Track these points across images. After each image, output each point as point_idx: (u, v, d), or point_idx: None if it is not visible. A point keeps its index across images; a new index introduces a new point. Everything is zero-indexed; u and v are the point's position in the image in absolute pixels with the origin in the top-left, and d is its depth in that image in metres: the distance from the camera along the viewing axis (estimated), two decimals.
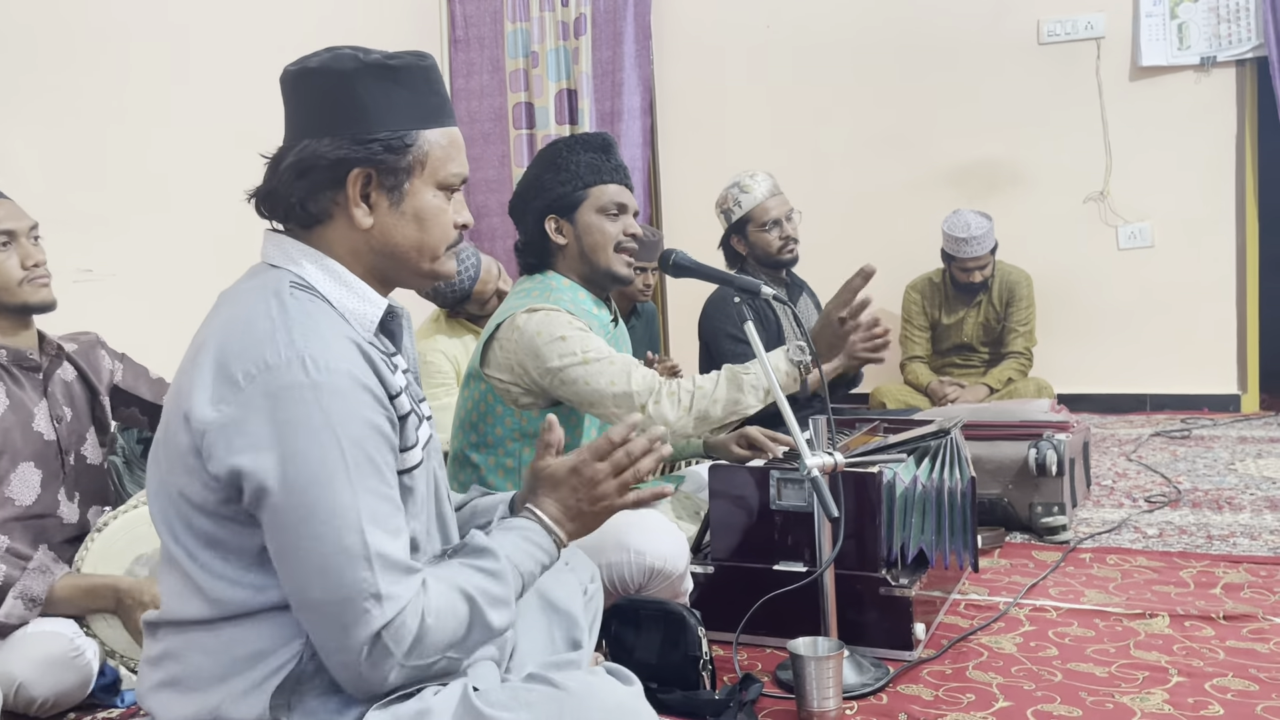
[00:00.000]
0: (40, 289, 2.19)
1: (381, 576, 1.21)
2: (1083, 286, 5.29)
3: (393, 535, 1.25)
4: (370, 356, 1.30)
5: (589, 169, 2.28)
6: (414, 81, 1.36)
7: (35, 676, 1.97)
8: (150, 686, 1.33)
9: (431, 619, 1.25)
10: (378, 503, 1.24)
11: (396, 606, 1.22)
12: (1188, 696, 1.97)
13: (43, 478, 2.18)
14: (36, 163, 3.58)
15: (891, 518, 2.25)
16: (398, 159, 1.34)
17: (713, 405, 2.17)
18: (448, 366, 3.29)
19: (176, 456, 1.26)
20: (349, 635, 1.21)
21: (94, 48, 3.85)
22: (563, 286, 2.30)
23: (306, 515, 1.21)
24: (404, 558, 1.25)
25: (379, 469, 1.25)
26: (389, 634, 1.22)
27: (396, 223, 1.37)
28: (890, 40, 5.55)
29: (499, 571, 1.35)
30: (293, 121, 1.36)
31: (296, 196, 1.34)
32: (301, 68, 1.35)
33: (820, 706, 1.90)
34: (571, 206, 2.28)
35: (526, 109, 6.07)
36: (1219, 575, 2.66)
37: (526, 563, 1.41)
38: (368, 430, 1.24)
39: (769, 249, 3.41)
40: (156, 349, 2.58)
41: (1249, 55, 4.97)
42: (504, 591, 1.35)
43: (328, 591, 1.21)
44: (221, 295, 1.37)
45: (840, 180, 5.60)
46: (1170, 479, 3.75)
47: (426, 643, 1.25)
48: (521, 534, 1.43)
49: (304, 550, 1.21)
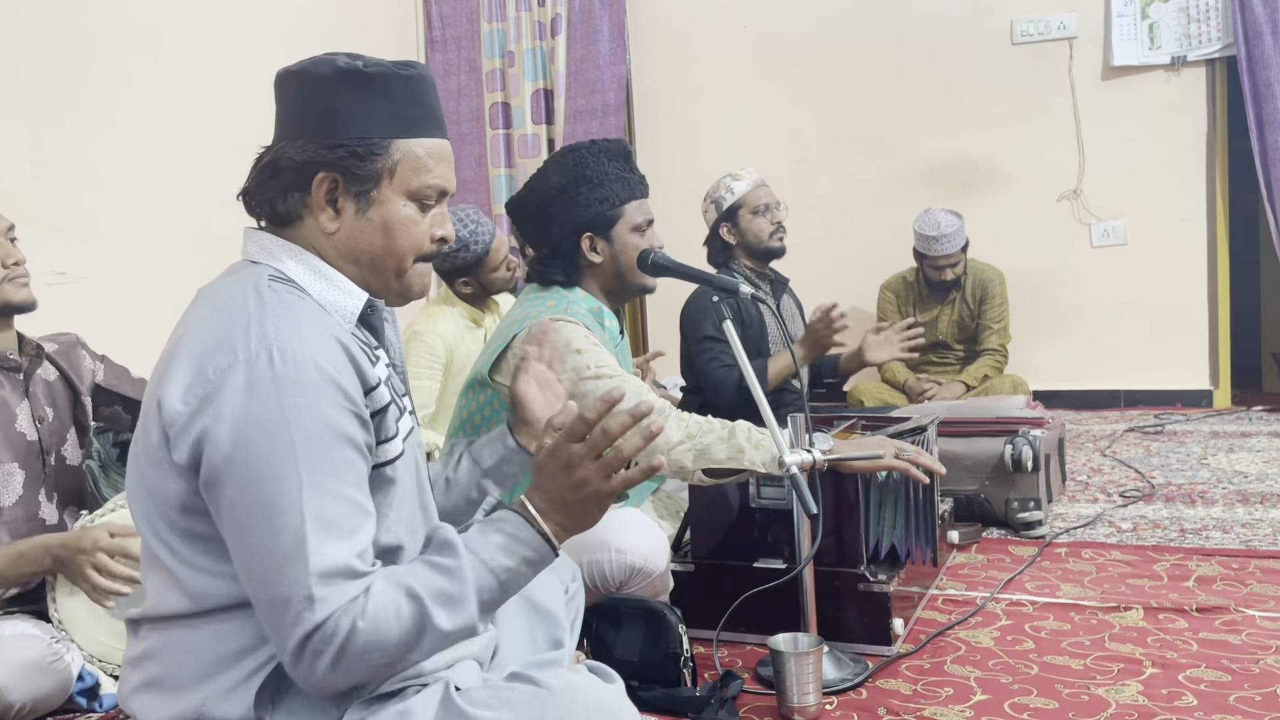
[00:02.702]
0: (20, 288, 2.19)
1: (316, 579, 1.18)
2: (1057, 284, 5.34)
3: (340, 537, 1.20)
4: (349, 349, 1.29)
5: (621, 184, 2.24)
6: (391, 90, 1.35)
7: (13, 681, 1.95)
8: (132, 689, 1.32)
9: (364, 623, 1.19)
10: (328, 501, 1.20)
11: (327, 610, 1.18)
12: (1162, 688, 1.99)
13: (25, 478, 2.17)
14: (11, 165, 3.55)
15: (867, 514, 2.27)
16: (365, 165, 1.34)
17: (717, 444, 2.07)
18: (442, 351, 3.28)
19: (150, 449, 1.26)
20: (284, 635, 1.19)
21: (70, 50, 3.82)
22: (579, 299, 2.26)
23: (251, 508, 1.19)
24: (348, 561, 1.20)
25: (336, 467, 1.22)
26: (318, 638, 1.18)
27: (362, 229, 1.36)
28: (865, 40, 5.58)
29: (455, 569, 1.27)
30: (277, 123, 1.38)
31: (267, 196, 1.36)
32: (286, 70, 1.37)
33: (800, 702, 1.91)
34: (608, 224, 2.24)
35: (503, 109, 6.06)
36: (1192, 568, 2.70)
37: (498, 558, 1.30)
38: (327, 428, 1.22)
39: (760, 234, 3.44)
40: (132, 351, 2.56)
41: (1218, 55, 5.03)
42: (458, 590, 1.26)
43: (266, 589, 1.19)
44: (200, 291, 1.37)
45: (815, 179, 5.63)
46: (1144, 474, 3.79)
47: (356, 648, 1.19)
48: (497, 527, 1.34)
49: (246, 544, 1.20)
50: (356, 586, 1.21)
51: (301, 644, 1.18)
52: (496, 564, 1.30)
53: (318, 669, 1.19)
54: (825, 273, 5.35)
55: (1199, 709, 1.90)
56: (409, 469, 1.41)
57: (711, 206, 3.53)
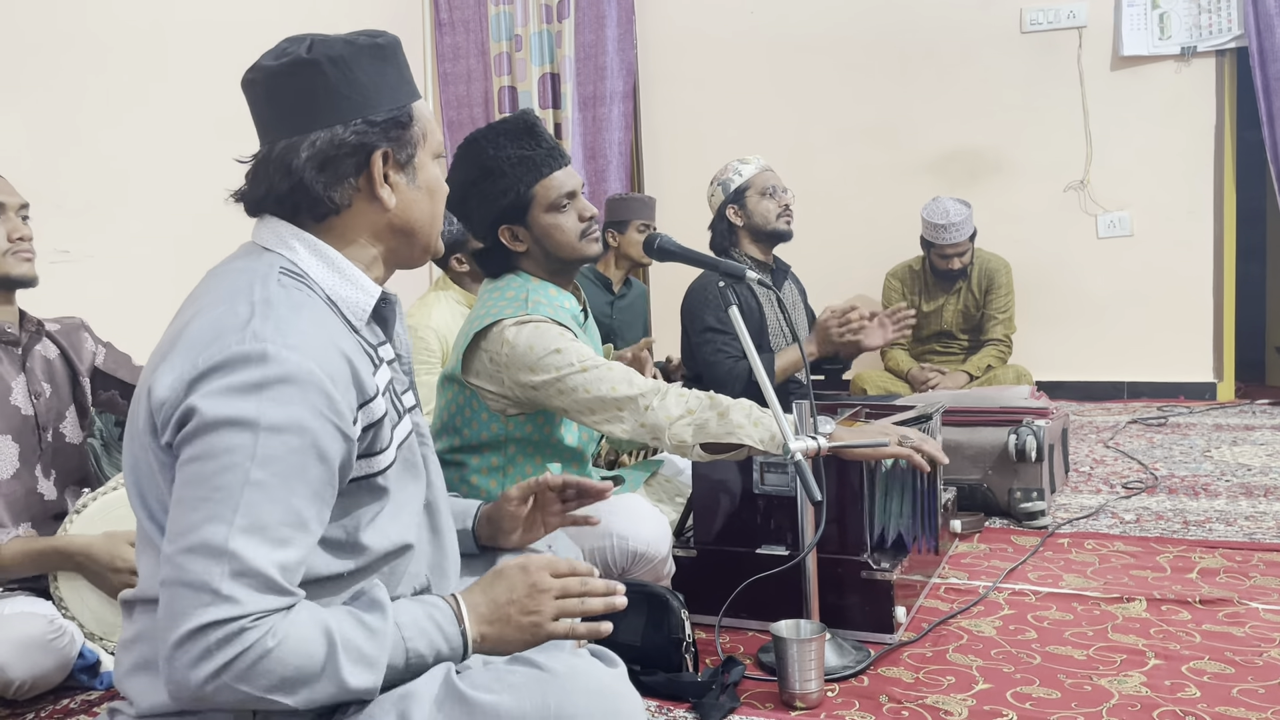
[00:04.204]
0: (22, 262, 2.20)
1: (229, 578, 1.12)
2: (1062, 275, 5.33)
3: (269, 545, 1.15)
4: (351, 358, 1.26)
5: (523, 166, 2.15)
6: (397, 58, 1.37)
7: (13, 659, 1.95)
8: (126, 670, 1.31)
9: (275, 643, 1.13)
10: (266, 505, 1.15)
11: (237, 610, 1.12)
12: (1164, 679, 1.99)
13: (20, 452, 2.17)
14: (18, 145, 3.54)
15: (871, 501, 2.26)
16: (405, 134, 1.35)
17: (716, 420, 2.05)
18: (435, 345, 3.27)
19: (139, 434, 1.25)
20: (177, 620, 1.13)
21: (79, 32, 3.80)
22: (535, 287, 2.22)
23: (192, 483, 1.15)
24: (270, 571, 1.14)
25: (291, 472, 1.17)
26: (217, 635, 1.12)
27: (416, 199, 1.38)
28: (874, 27, 5.55)
29: (379, 632, 1.23)
30: (290, 117, 1.31)
31: (321, 189, 1.31)
32: (289, 61, 1.30)
33: (802, 688, 1.91)
34: (521, 212, 2.17)
35: (510, 93, 6.04)
36: (1195, 560, 2.69)
37: (418, 642, 1.26)
38: (296, 432, 1.17)
39: (768, 215, 3.43)
40: (134, 332, 2.56)
41: (1229, 45, 5.00)
42: (374, 653, 1.21)
43: (178, 568, 1.14)
44: (210, 273, 1.34)
45: (822, 167, 5.61)
46: (1147, 465, 3.79)
47: (262, 666, 1.13)
48: (428, 611, 1.29)
49: (177, 518, 1.16)
50: (277, 601, 1.15)
51: (193, 634, 1.12)
52: (412, 646, 1.26)
53: (199, 668, 1.12)
54: (830, 261, 5.34)
55: (1202, 700, 1.89)
56: (410, 471, 1.39)
57: (718, 189, 3.51)
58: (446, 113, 6.22)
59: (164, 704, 1.26)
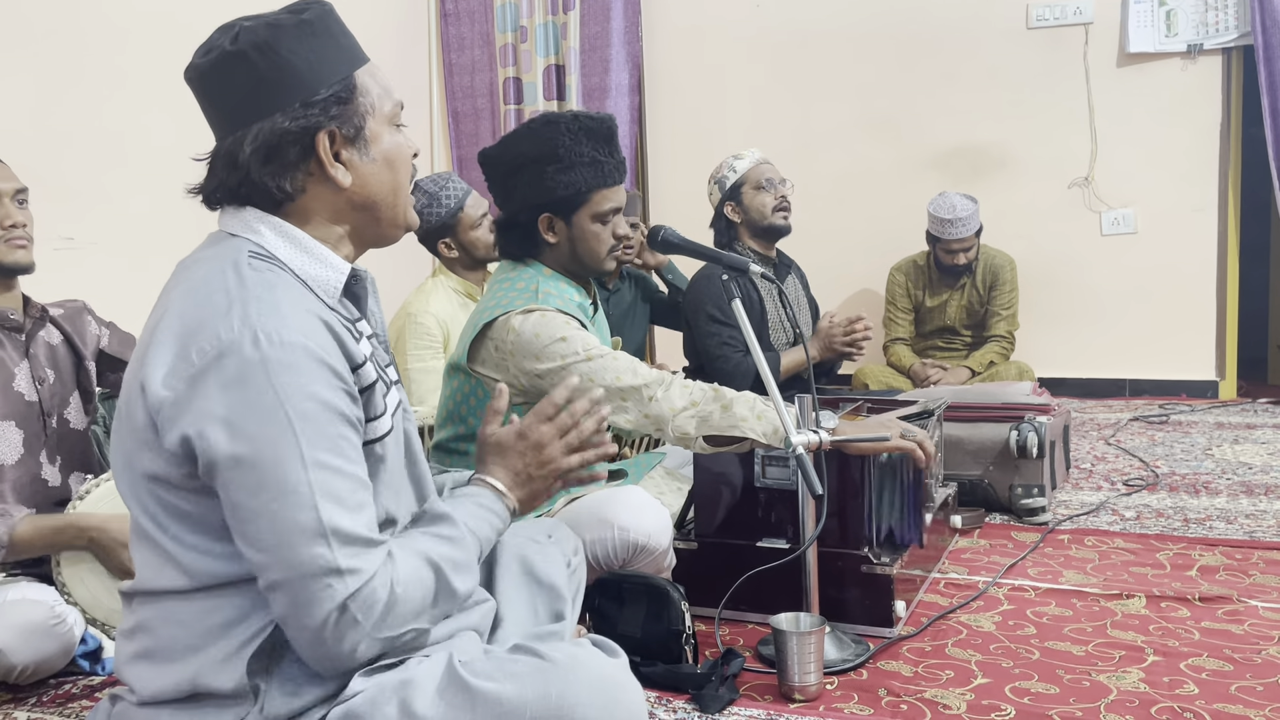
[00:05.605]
0: (16, 249, 2.18)
1: (340, 551, 1.19)
2: (1065, 271, 5.32)
3: (352, 511, 1.22)
4: (333, 327, 1.27)
5: (593, 170, 2.17)
6: (330, 29, 1.33)
7: (15, 644, 1.96)
8: (126, 659, 1.32)
9: (400, 588, 1.24)
10: (333, 478, 1.21)
11: (361, 579, 1.20)
12: (1163, 675, 1.99)
13: (24, 438, 2.17)
14: (18, 129, 3.54)
15: (872, 496, 2.26)
16: (349, 108, 1.32)
17: (719, 412, 2.06)
18: (437, 330, 3.27)
19: (136, 430, 1.25)
20: (309, 612, 1.19)
21: (76, 13, 3.80)
22: (546, 278, 2.23)
23: (257, 491, 1.18)
24: (365, 532, 1.23)
25: (335, 444, 1.22)
26: (356, 605, 1.20)
27: (373, 172, 1.36)
28: (879, 22, 5.54)
29: (459, 538, 1.36)
30: (229, 112, 1.31)
31: (270, 180, 1.30)
32: (216, 56, 1.29)
33: (801, 681, 1.92)
34: (570, 209, 2.20)
35: (515, 84, 6.04)
36: (1195, 558, 2.69)
37: (483, 528, 1.42)
38: (321, 406, 1.21)
39: (764, 209, 3.42)
40: (138, 318, 2.55)
41: (1235, 43, 4.99)
42: (465, 557, 1.36)
43: (286, 569, 1.19)
44: (180, 264, 1.34)
45: (827, 161, 5.61)
46: (1148, 463, 3.79)
47: (396, 612, 1.24)
48: (475, 500, 1.45)
49: (258, 528, 1.19)
50: (381, 553, 1.24)
51: (335, 615, 1.19)
52: (482, 535, 1.42)
53: (352, 638, 1.21)
54: (834, 255, 5.34)
55: (1200, 697, 1.90)
56: (397, 442, 1.41)
57: (715, 187, 3.51)
58: (451, 103, 6.22)
59: (164, 691, 1.27)
